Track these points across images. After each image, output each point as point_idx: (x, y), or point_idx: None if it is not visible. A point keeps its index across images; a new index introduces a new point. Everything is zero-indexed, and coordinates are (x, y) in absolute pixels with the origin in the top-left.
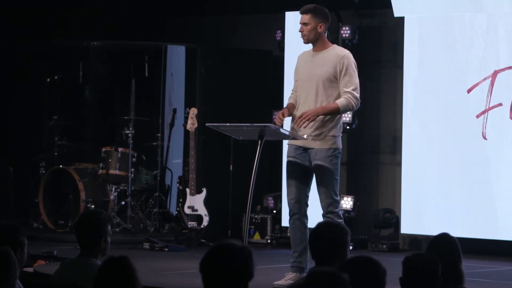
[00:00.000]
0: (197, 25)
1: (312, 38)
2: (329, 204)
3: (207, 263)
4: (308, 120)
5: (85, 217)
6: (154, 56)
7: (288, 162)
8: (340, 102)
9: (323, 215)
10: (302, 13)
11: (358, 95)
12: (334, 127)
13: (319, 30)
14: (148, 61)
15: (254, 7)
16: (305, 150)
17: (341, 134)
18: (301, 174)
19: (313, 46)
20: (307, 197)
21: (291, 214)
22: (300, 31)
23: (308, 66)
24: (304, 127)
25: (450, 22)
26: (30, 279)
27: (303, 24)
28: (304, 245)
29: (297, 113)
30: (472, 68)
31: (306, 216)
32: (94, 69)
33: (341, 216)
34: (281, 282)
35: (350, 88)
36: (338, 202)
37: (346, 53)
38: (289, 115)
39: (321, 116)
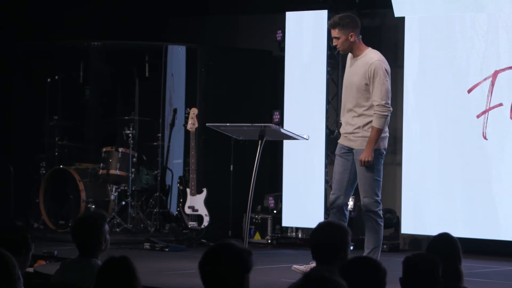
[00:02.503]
0: (198, 25)
1: (346, 48)
2: (368, 204)
3: (206, 262)
4: (367, 162)
5: (82, 224)
6: (155, 56)
7: (335, 159)
8: (374, 123)
9: (362, 213)
10: (330, 27)
11: (384, 101)
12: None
13: (351, 40)
14: (149, 61)
15: (255, 7)
16: (350, 150)
17: (385, 135)
18: (342, 171)
19: (352, 53)
20: (349, 194)
21: (330, 207)
22: (334, 45)
23: (348, 73)
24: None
25: (451, 22)
26: (31, 279)
27: (335, 38)
28: None
29: (342, 119)
30: (473, 68)
31: (344, 209)
32: (95, 69)
33: (381, 215)
34: (302, 267)
35: (377, 101)
36: (377, 202)
37: (374, 60)
38: None
39: (360, 119)
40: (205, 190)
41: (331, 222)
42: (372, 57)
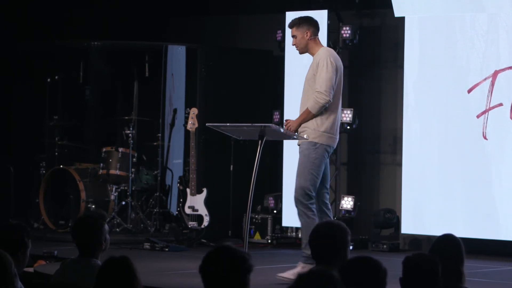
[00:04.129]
0: (198, 25)
1: (303, 47)
2: (299, 195)
3: (207, 264)
4: (288, 128)
5: (82, 224)
6: (155, 56)
7: None
8: (309, 104)
9: (296, 207)
10: (289, 27)
11: (323, 89)
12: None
13: (307, 38)
14: (149, 61)
15: (255, 7)
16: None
17: (331, 135)
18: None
19: (309, 53)
20: (320, 188)
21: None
22: (293, 45)
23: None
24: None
25: (451, 22)
26: (31, 279)
27: (292, 37)
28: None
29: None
30: (473, 68)
31: (322, 206)
32: (95, 69)
33: (312, 209)
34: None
35: (317, 88)
36: (308, 195)
37: (319, 51)
38: None
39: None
40: (205, 190)
41: (331, 222)
42: (319, 50)
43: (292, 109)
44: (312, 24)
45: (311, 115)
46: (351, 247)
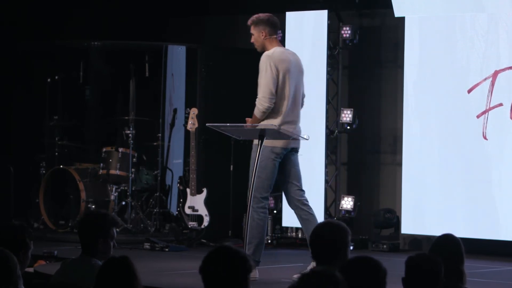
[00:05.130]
0: (198, 25)
1: (259, 45)
2: (252, 198)
3: (207, 265)
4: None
5: (90, 217)
6: (155, 56)
7: None
8: (254, 110)
9: None
10: (248, 24)
11: (262, 95)
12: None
13: (262, 37)
14: (149, 61)
15: (255, 7)
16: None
17: (280, 140)
18: None
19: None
20: (287, 190)
21: None
22: (251, 42)
23: None
24: None
25: (451, 22)
26: (31, 279)
27: (251, 34)
28: None
29: None
30: (473, 68)
31: (298, 204)
32: (95, 69)
33: (262, 213)
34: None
35: (258, 93)
36: (258, 198)
37: (264, 54)
38: None
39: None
40: (205, 190)
41: (331, 222)
42: (264, 55)
43: None
44: (269, 24)
45: (257, 119)
46: (351, 247)
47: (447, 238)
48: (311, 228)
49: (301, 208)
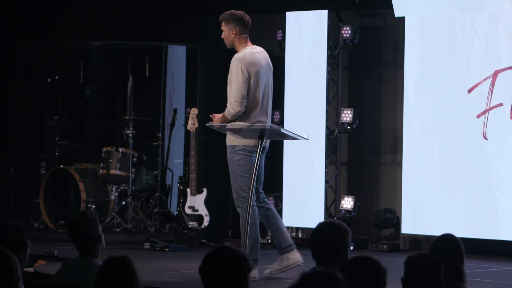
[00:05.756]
0: (198, 25)
1: (229, 43)
2: (235, 199)
3: (207, 265)
4: (211, 120)
5: (77, 223)
6: (155, 56)
7: None
8: (225, 111)
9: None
10: (219, 20)
11: (233, 99)
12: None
13: (232, 35)
14: (149, 61)
15: (255, 7)
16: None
17: (248, 138)
18: None
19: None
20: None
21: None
22: (221, 38)
23: None
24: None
25: (451, 22)
26: (31, 279)
27: (222, 31)
28: None
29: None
30: (473, 68)
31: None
32: (95, 69)
33: (255, 211)
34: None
35: (229, 97)
36: (244, 197)
37: (234, 57)
38: None
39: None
40: (205, 190)
41: (331, 222)
42: (234, 58)
43: (292, 109)
44: (239, 23)
45: (227, 119)
46: (351, 247)
47: (447, 238)
48: (274, 222)
49: (264, 207)
